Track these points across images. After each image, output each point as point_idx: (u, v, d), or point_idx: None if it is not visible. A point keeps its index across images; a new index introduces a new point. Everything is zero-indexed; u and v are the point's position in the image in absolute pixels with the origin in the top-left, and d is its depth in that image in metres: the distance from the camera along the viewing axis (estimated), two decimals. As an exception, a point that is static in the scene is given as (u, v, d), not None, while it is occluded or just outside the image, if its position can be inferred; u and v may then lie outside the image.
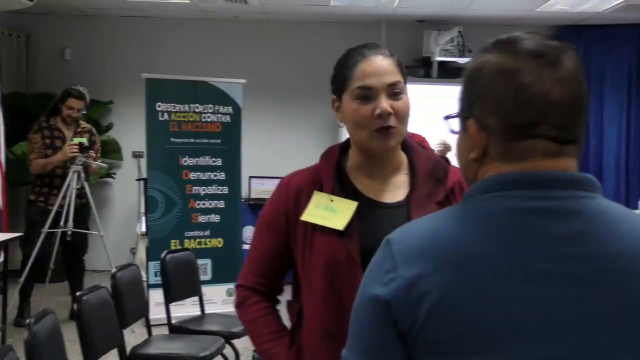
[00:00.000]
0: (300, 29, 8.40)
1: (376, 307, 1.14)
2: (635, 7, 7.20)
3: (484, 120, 1.19)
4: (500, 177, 1.17)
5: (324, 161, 1.97)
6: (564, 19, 8.13)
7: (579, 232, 1.12)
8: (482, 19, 8.09)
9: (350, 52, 1.91)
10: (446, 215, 1.21)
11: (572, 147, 1.18)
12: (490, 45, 1.23)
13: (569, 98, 1.16)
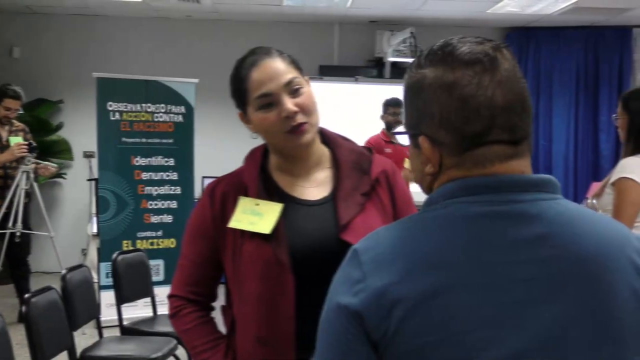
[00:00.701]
0: (253, 29, 8.38)
1: (347, 318, 1.12)
2: (583, 9, 7.34)
3: (434, 135, 1.19)
4: (462, 183, 1.17)
5: (248, 164, 1.95)
6: (514, 21, 8.25)
7: (540, 235, 1.13)
8: (434, 20, 8.17)
9: (240, 63, 1.88)
10: (411, 222, 1.20)
11: (525, 146, 1.19)
12: (424, 58, 1.22)
13: (513, 99, 1.17)
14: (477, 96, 1.15)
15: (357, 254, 1.17)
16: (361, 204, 1.85)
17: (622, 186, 3.40)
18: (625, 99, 3.63)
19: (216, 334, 1.95)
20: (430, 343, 1.08)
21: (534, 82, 8.70)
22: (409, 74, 1.24)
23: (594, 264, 1.13)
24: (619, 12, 7.58)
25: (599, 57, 8.67)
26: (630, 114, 3.54)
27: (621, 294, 1.13)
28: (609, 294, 1.12)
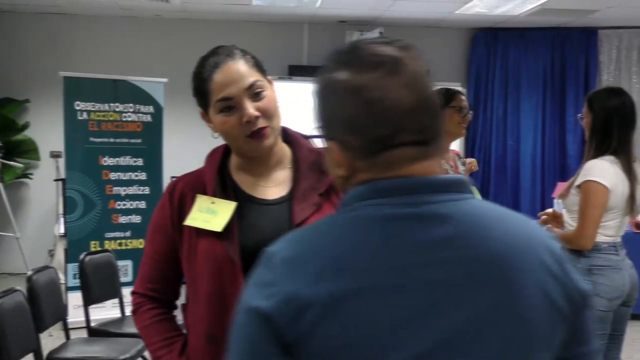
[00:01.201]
0: (223, 28, 8.36)
1: (258, 321, 1.12)
2: (549, 11, 7.42)
3: (344, 139, 1.19)
4: (373, 186, 1.17)
5: (208, 163, 1.95)
6: (482, 22, 8.31)
7: (451, 236, 1.13)
8: (402, 20, 8.21)
9: (202, 63, 1.87)
10: (324, 224, 1.20)
11: (435, 146, 1.20)
12: (333, 61, 1.22)
13: (420, 100, 1.17)
14: (383, 100, 1.15)
15: (270, 257, 1.17)
16: (317, 204, 1.86)
17: (588, 189, 3.45)
18: (590, 99, 3.68)
19: (174, 332, 1.95)
20: (341, 346, 1.08)
21: (502, 83, 8.77)
22: (318, 78, 1.24)
23: (503, 263, 1.13)
24: (585, 14, 7.68)
25: (566, 58, 8.77)
26: (594, 114, 3.59)
27: (531, 293, 1.14)
28: (519, 293, 1.13)
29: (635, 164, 3.58)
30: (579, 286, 1.20)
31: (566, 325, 1.19)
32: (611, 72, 8.76)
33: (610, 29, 8.62)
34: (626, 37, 8.70)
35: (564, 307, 1.17)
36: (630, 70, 8.75)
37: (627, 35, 8.68)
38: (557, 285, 1.17)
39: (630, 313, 3.75)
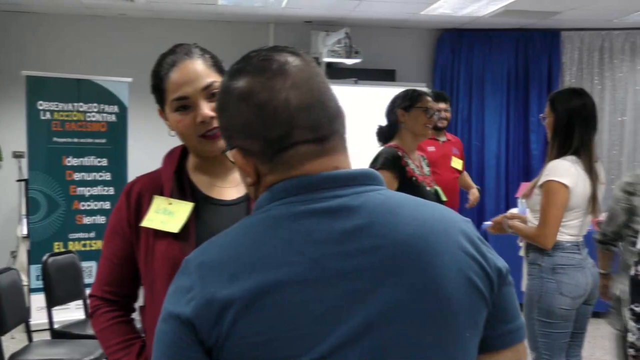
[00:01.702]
0: (188, 28, 8.31)
1: (179, 328, 1.13)
2: (513, 12, 7.49)
3: (244, 146, 1.23)
4: (281, 186, 1.20)
5: (166, 163, 1.95)
6: (447, 23, 8.37)
7: (362, 226, 1.16)
8: (368, 21, 8.23)
9: (161, 61, 1.88)
10: (240, 227, 1.22)
11: (334, 142, 1.23)
12: (230, 71, 1.27)
13: (309, 98, 1.20)
14: (271, 101, 1.18)
15: (188, 264, 1.20)
16: None
17: (550, 188, 3.50)
18: (552, 100, 3.74)
19: (132, 335, 1.93)
20: (261, 343, 1.10)
21: (466, 83, 8.84)
22: (220, 86, 1.29)
23: (418, 248, 1.16)
24: (548, 16, 7.77)
25: (529, 58, 8.86)
26: (555, 114, 3.64)
27: (449, 274, 1.17)
28: (436, 275, 1.16)
29: (596, 164, 3.63)
30: (495, 264, 1.24)
31: (487, 304, 1.22)
32: (573, 73, 8.87)
33: (573, 30, 8.73)
34: (587, 39, 8.81)
35: (483, 286, 1.21)
36: (592, 72, 8.86)
37: (589, 37, 8.80)
38: (474, 265, 1.20)
39: (592, 311, 3.82)
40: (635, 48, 8.75)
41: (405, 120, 3.96)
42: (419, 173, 3.91)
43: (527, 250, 3.74)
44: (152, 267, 1.84)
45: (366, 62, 7.95)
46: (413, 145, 4.02)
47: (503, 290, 1.25)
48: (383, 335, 1.13)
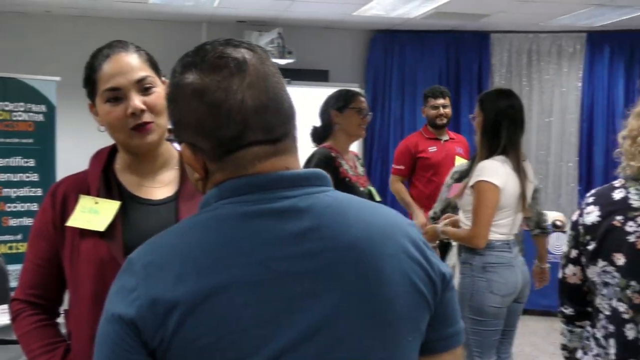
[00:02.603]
0: (119, 27, 8.16)
1: (122, 329, 1.11)
2: (444, 14, 7.59)
3: (194, 142, 1.21)
4: (229, 185, 1.19)
5: (93, 163, 1.93)
6: (379, 24, 8.43)
7: (310, 228, 1.15)
8: (301, 21, 8.24)
9: (95, 54, 1.87)
10: (186, 226, 1.21)
11: (287, 143, 1.22)
12: (181, 63, 1.24)
13: (264, 99, 1.19)
14: (227, 101, 1.16)
15: (131, 263, 1.17)
16: None
17: (481, 189, 3.56)
18: (481, 100, 3.82)
19: (55, 338, 1.89)
20: (207, 346, 1.08)
21: (399, 84, 8.92)
22: (170, 80, 1.25)
23: (363, 251, 1.17)
24: (478, 18, 7.90)
25: (460, 60, 8.99)
26: (484, 115, 3.71)
27: (393, 278, 1.17)
28: (381, 279, 1.16)
29: (524, 163, 3.71)
30: (439, 269, 1.25)
31: (430, 308, 1.23)
32: (503, 75, 9.04)
33: (502, 33, 8.90)
34: (516, 42, 8.99)
35: (426, 290, 1.21)
36: (520, 74, 9.05)
37: (517, 40, 8.98)
38: (418, 269, 1.21)
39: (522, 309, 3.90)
40: (561, 51, 8.97)
41: (339, 121, 3.96)
42: (352, 173, 3.92)
43: (459, 250, 3.79)
44: (77, 268, 1.81)
45: (299, 63, 7.95)
46: (347, 146, 4.04)
47: (446, 294, 1.26)
48: (328, 338, 1.12)
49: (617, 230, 1.91)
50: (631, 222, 1.90)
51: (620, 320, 1.90)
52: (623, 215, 1.91)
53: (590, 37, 8.78)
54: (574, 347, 2.12)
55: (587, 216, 2.00)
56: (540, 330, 6.46)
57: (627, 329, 1.89)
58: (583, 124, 8.90)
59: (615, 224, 1.92)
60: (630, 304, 1.88)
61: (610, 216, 1.94)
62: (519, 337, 4.17)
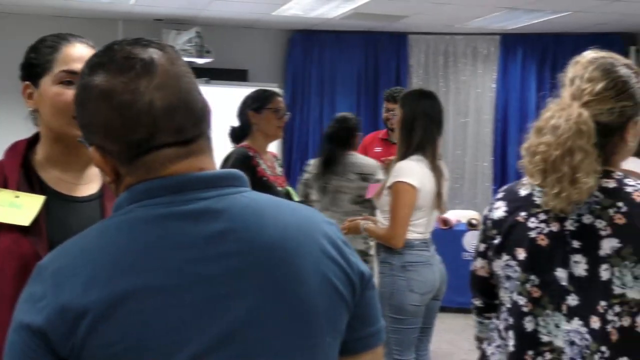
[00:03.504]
0: (35, 23, 7.91)
1: (30, 338, 1.07)
2: (362, 15, 7.65)
3: (103, 145, 1.17)
4: (141, 188, 1.16)
5: (9, 156, 1.83)
6: (298, 24, 8.44)
7: (226, 229, 1.13)
8: (220, 20, 8.18)
9: (48, 37, 1.84)
10: (97, 230, 1.17)
11: (200, 144, 1.19)
12: (89, 63, 1.20)
13: (174, 100, 1.16)
14: (135, 103, 1.13)
15: (41, 270, 1.13)
16: None
17: (398, 189, 3.60)
18: (401, 99, 3.87)
19: None
20: (119, 352, 1.05)
21: (318, 84, 8.95)
22: (79, 80, 1.21)
23: (281, 252, 1.16)
24: (396, 19, 7.99)
25: (379, 61, 9.07)
26: (403, 114, 3.76)
27: (311, 279, 1.17)
28: (298, 280, 1.16)
29: (440, 162, 3.77)
30: (358, 268, 1.24)
31: (350, 308, 1.22)
32: (420, 76, 9.17)
33: (419, 34, 9.02)
34: (433, 43, 9.14)
35: (345, 290, 1.21)
36: (437, 75, 9.20)
37: (434, 41, 9.13)
38: (336, 269, 1.20)
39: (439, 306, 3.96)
40: (476, 53, 9.16)
41: (256, 121, 3.94)
42: (270, 173, 3.91)
43: (378, 250, 3.83)
44: None
45: (218, 62, 7.89)
46: (265, 146, 4.02)
47: (365, 294, 1.25)
48: (245, 342, 1.11)
49: (520, 225, 1.96)
50: (533, 219, 1.94)
51: (519, 313, 1.95)
52: (526, 212, 1.96)
53: (503, 40, 9.01)
54: (484, 337, 2.18)
55: (495, 211, 2.04)
56: (457, 327, 6.56)
57: (526, 322, 1.94)
58: (497, 125, 9.12)
59: (519, 219, 1.97)
60: (530, 298, 1.94)
61: (516, 212, 1.98)
62: (436, 334, 4.23)
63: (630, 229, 1.84)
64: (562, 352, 1.89)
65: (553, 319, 1.91)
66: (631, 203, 1.86)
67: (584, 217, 1.88)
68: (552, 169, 1.85)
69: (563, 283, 1.90)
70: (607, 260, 1.85)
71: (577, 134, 1.83)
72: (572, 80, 1.93)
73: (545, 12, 7.39)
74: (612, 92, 1.88)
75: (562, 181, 1.84)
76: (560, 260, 1.90)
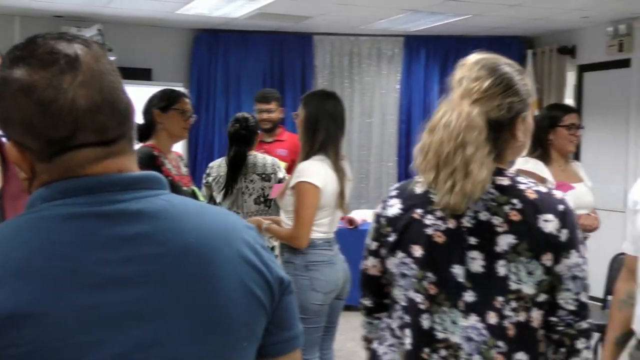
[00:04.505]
0: None
1: None
2: (267, 15, 7.65)
3: (22, 141, 1.14)
4: (57, 187, 1.13)
5: None
6: (203, 23, 8.37)
7: (142, 232, 1.12)
8: (122, 18, 8.02)
9: None
10: (6, 228, 1.14)
11: (121, 145, 1.17)
12: (9, 56, 1.15)
13: (98, 99, 1.13)
14: (57, 100, 1.10)
15: None
16: None
17: (301, 190, 3.61)
18: (303, 99, 3.91)
19: None
20: (25, 355, 1.02)
21: (224, 84, 8.88)
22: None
23: (198, 256, 1.14)
24: (301, 20, 8.01)
25: (284, 61, 9.07)
26: (306, 114, 3.79)
27: (228, 283, 1.16)
28: (215, 286, 1.15)
29: (342, 162, 3.81)
30: (277, 274, 1.24)
31: (267, 314, 1.22)
32: (326, 76, 9.23)
33: (324, 35, 9.08)
34: (338, 44, 9.21)
35: (263, 295, 1.20)
36: (342, 75, 9.27)
37: (339, 42, 9.20)
38: (255, 275, 1.19)
39: (343, 305, 3.99)
40: (381, 54, 9.28)
41: (161, 120, 3.89)
42: (175, 173, 3.87)
43: (282, 250, 3.83)
44: None
45: (121, 61, 7.71)
46: (169, 146, 3.97)
47: (283, 299, 1.25)
48: (158, 348, 1.09)
49: (417, 222, 1.98)
50: (430, 216, 1.96)
51: (416, 310, 1.97)
52: (423, 209, 1.97)
53: (407, 41, 9.16)
54: (373, 337, 2.19)
55: (389, 209, 2.05)
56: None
57: (423, 319, 1.96)
58: (402, 125, 9.26)
59: (415, 216, 1.98)
60: (427, 295, 1.96)
61: (411, 209, 2.00)
62: (341, 333, 4.27)
63: (525, 225, 1.88)
64: (459, 348, 1.91)
65: (450, 315, 1.94)
66: (525, 200, 1.90)
67: (481, 214, 1.91)
68: (445, 163, 1.88)
69: (460, 280, 1.93)
70: (504, 257, 1.89)
71: (468, 128, 1.87)
72: (460, 81, 1.98)
73: (447, 14, 7.56)
74: (499, 88, 1.93)
75: (455, 174, 1.86)
76: (457, 257, 1.93)
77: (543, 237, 1.88)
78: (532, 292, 1.90)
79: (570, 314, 1.93)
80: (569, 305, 1.92)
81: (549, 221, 1.88)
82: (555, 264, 1.90)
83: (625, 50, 7.56)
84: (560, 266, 1.90)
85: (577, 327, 1.93)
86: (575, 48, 8.26)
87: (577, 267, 1.92)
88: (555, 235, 1.89)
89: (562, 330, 1.93)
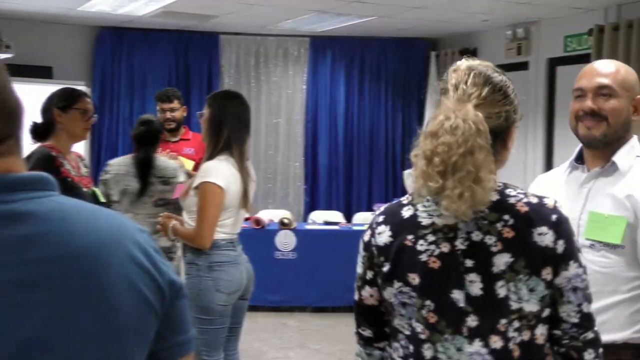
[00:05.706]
0: None
1: None
2: (172, 14, 7.56)
3: None
4: None
5: None
6: (106, 20, 8.20)
7: (30, 234, 1.09)
8: (20, 14, 7.78)
9: None
10: None
11: (9, 145, 1.14)
12: None
13: None
14: None
15: None
16: None
17: (205, 190, 3.60)
18: (208, 100, 3.90)
19: None
20: None
21: (128, 83, 8.74)
22: None
23: (87, 260, 1.12)
24: (207, 19, 7.95)
25: (190, 60, 9.01)
26: (211, 114, 3.78)
27: (118, 287, 1.14)
28: (104, 288, 1.13)
29: (247, 162, 3.81)
30: (168, 277, 1.22)
31: (159, 317, 1.20)
32: (232, 76, 9.19)
33: (231, 34, 9.05)
34: (244, 43, 9.19)
35: (155, 299, 1.19)
36: (249, 75, 9.26)
37: (245, 42, 9.18)
38: (146, 278, 1.18)
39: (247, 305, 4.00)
40: (287, 54, 9.31)
41: (61, 120, 3.78)
42: (75, 174, 3.77)
43: (185, 251, 3.80)
44: None
45: (19, 58, 7.50)
46: (69, 146, 3.87)
47: (176, 303, 1.23)
48: (45, 353, 1.05)
49: (409, 249, 1.88)
50: (422, 241, 1.88)
51: (418, 341, 1.90)
52: (413, 234, 1.89)
53: (313, 42, 9.22)
54: None
55: (379, 237, 1.95)
56: (269, 325, 6.64)
57: (425, 349, 1.89)
58: (308, 125, 9.32)
59: (406, 243, 1.89)
60: (426, 324, 1.88)
61: (401, 235, 1.91)
62: (248, 333, 4.27)
63: (520, 241, 1.82)
64: None
65: (454, 343, 1.86)
66: (516, 215, 1.84)
67: (473, 234, 1.84)
68: (454, 169, 1.78)
69: (461, 305, 1.84)
70: (502, 277, 1.82)
71: (478, 133, 1.79)
72: (456, 86, 1.89)
73: (352, 16, 7.64)
74: (498, 95, 1.89)
75: (465, 181, 1.77)
76: (455, 281, 1.85)
77: (540, 252, 1.82)
78: (536, 309, 1.84)
79: (573, 327, 1.87)
80: (571, 318, 1.87)
81: (544, 234, 1.82)
82: (554, 277, 1.84)
83: (524, 53, 7.81)
84: (559, 279, 1.84)
85: (583, 338, 1.88)
86: (477, 50, 8.47)
87: (577, 277, 1.86)
88: (552, 247, 1.83)
89: (568, 344, 1.88)
